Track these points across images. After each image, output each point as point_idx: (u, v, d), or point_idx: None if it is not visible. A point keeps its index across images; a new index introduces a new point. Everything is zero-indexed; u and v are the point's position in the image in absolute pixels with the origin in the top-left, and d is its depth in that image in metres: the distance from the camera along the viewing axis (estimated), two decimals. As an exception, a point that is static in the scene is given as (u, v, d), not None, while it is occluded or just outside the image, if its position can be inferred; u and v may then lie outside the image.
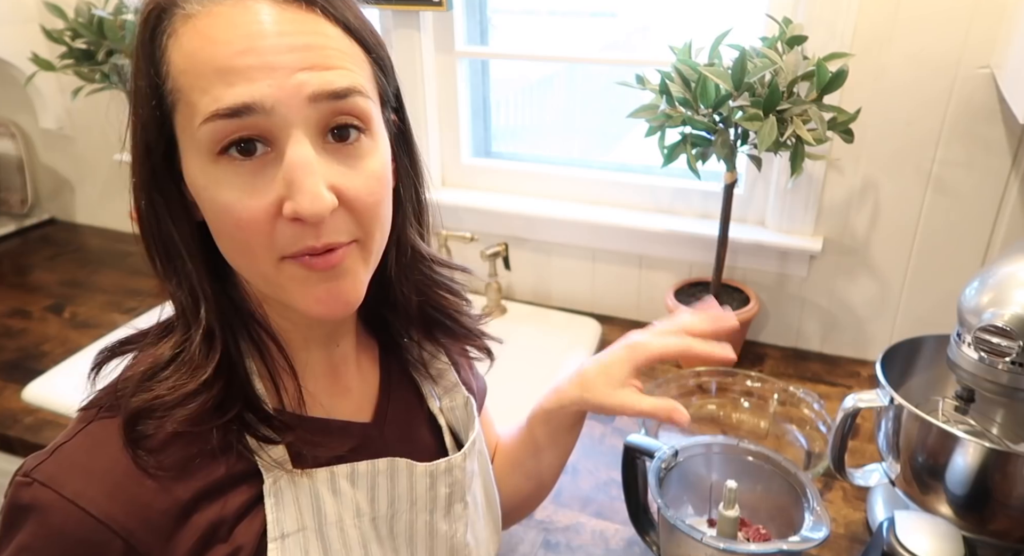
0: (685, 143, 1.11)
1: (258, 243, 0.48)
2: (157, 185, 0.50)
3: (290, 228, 0.47)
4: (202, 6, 0.46)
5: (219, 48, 0.45)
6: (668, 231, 1.35)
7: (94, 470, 0.48)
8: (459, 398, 0.69)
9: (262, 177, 0.47)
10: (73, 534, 0.47)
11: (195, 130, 0.46)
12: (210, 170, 0.47)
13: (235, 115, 0.45)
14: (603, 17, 1.50)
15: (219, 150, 0.46)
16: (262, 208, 0.47)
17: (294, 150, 0.46)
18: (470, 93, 1.50)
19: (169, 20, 0.47)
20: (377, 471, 0.58)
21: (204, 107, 0.45)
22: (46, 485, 0.47)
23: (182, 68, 0.46)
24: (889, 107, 1.15)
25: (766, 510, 0.87)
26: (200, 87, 0.45)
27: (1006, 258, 0.80)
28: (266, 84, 0.45)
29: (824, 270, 1.31)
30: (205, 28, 0.45)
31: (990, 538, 0.82)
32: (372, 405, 0.63)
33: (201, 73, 0.45)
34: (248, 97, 0.45)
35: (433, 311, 0.65)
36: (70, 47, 1.48)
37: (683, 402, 1.17)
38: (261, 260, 0.49)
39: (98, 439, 0.49)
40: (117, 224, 1.92)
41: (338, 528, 0.55)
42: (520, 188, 1.50)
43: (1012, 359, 0.75)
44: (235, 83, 0.45)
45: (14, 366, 1.34)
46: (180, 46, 0.46)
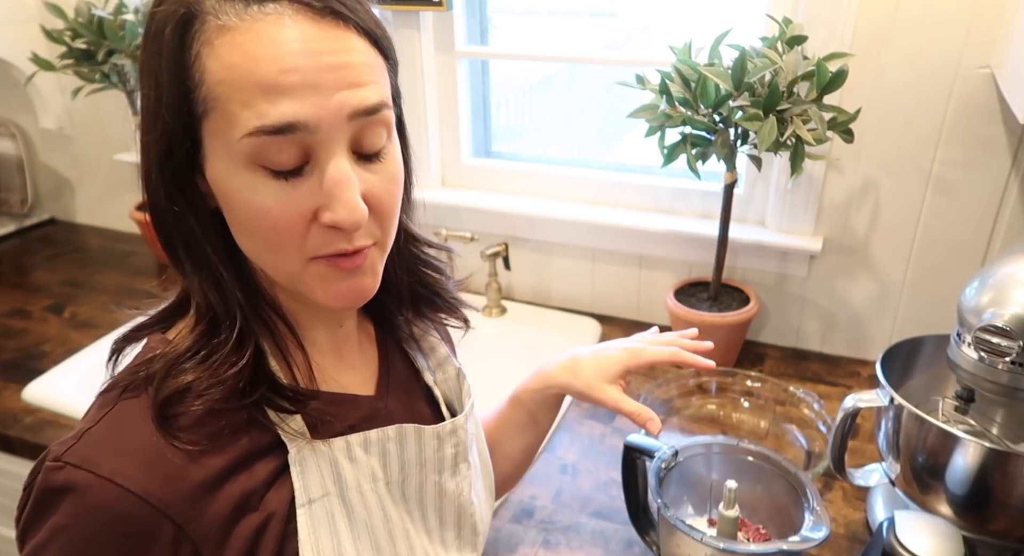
0: (685, 143, 1.11)
1: (291, 244, 0.51)
2: (177, 183, 0.51)
3: (324, 233, 0.51)
4: (240, 19, 0.47)
5: (263, 65, 0.46)
6: (668, 231, 1.35)
7: (126, 449, 0.50)
8: (451, 370, 0.73)
9: (299, 186, 0.49)
10: (112, 510, 0.48)
11: (234, 140, 0.48)
12: (245, 175, 0.49)
13: (279, 132, 0.47)
14: (603, 17, 1.50)
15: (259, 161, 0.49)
16: (300, 215, 0.50)
17: (335, 166, 0.49)
18: (470, 93, 1.50)
19: (201, 28, 0.47)
20: (387, 438, 0.62)
21: (246, 121, 0.47)
22: (80, 467, 0.48)
23: (220, 78, 0.47)
24: (889, 107, 1.15)
25: (766, 510, 0.87)
26: (241, 100, 0.47)
27: (1006, 258, 0.80)
28: (310, 103, 0.47)
29: (824, 270, 1.31)
30: (246, 43, 0.46)
31: (990, 538, 0.82)
32: (374, 380, 0.67)
33: (243, 87, 0.47)
34: (293, 117, 0.47)
35: (421, 288, 0.69)
36: (70, 47, 1.48)
37: (683, 402, 1.17)
38: (290, 260, 0.52)
39: (125, 420, 0.51)
40: (117, 224, 1.92)
41: (358, 492, 0.59)
42: (520, 188, 1.50)
43: (1012, 359, 0.75)
44: (279, 101, 0.47)
45: (14, 366, 1.34)
46: (218, 57, 0.47)
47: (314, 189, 0.49)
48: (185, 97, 0.48)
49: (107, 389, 0.54)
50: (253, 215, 0.50)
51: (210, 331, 0.53)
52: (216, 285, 0.53)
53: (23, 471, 1.22)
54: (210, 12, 0.47)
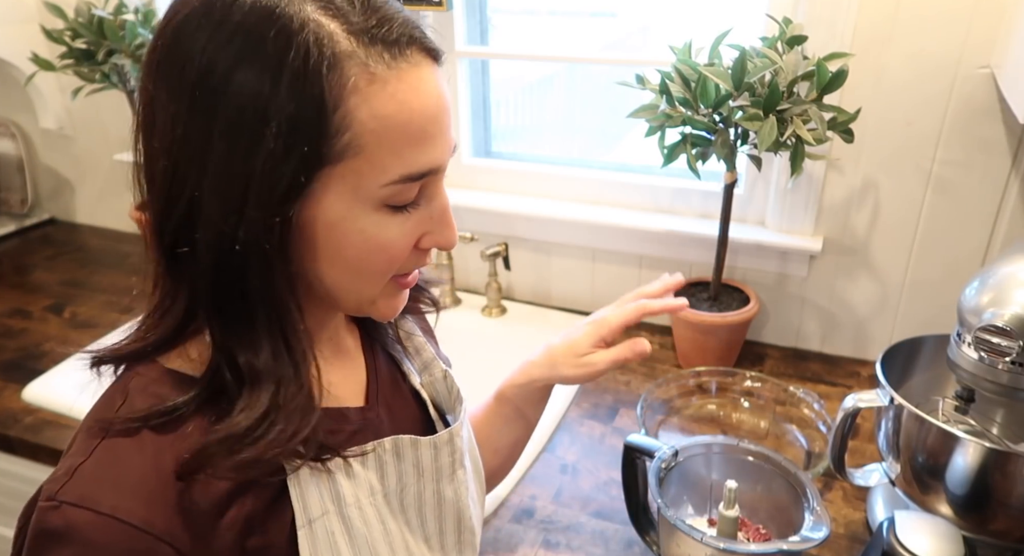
0: (685, 143, 1.11)
1: (391, 271, 0.55)
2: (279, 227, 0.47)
3: (418, 255, 0.56)
4: (389, 69, 0.47)
5: (415, 117, 0.48)
6: (668, 231, 1.35)
7: (124, 482, 0.48)
8: (437, 372, 0.72)
9: (412, 219, 0.53)
10: (117, 547, 0.46)
11: (375, 186, 0.49)
12: (370, 216, 0.50)
13: (421, 178, 0.51)
14: (603, 17, 1.50)
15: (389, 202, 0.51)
16: (411, 244, 0.54)
17: (442, 195, 0.55)
18: (470, 93, 1.50)
19: (343, 74, 0.45)
20: (384, 451, 0.61)
21: (395, 169, 0.49)
22: (78, 505, 0.46)
23: (371, 128, 0.47)
24: (889, 107, 1.15)
25: (766, 510, 0.87)
26: (390, 149, 0.48)
27: (1006, 258, 0.80)
28: (441, 150, 0.51)
29: (824, 270, 1.31)
30: (397, 93, 0.48)
31: (990, 538, 0.82)
32: (362, 388, 0.66)
33: (395, 137, 0.48)
34: (435, 164, 0.51)
35: None
36: (70, 47, 1.48)
37: (683, 402, 1.17)
38: (379, 282, 0.55)
39: (120, 454, 0.49)
40: (117, 224, 1.92)
41: (357, 508, 0.58)
42: (520, 188, 1.50)
43: (1012, 359, 0.75)
44: (426, 149, 0.50)
45: (14, 366, 1.34)
46: (370, 106, 0.47)
47: (423, 218, 0.54)
48: (321, 142, 0.46)
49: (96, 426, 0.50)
50: (370, 251, 0.52)
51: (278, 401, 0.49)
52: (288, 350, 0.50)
53: (23, 471, 1.23)
54: (353, 59, 0.46)
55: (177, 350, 0.54)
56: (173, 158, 0.47)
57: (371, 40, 0.47)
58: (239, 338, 0.49)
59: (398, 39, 0.48)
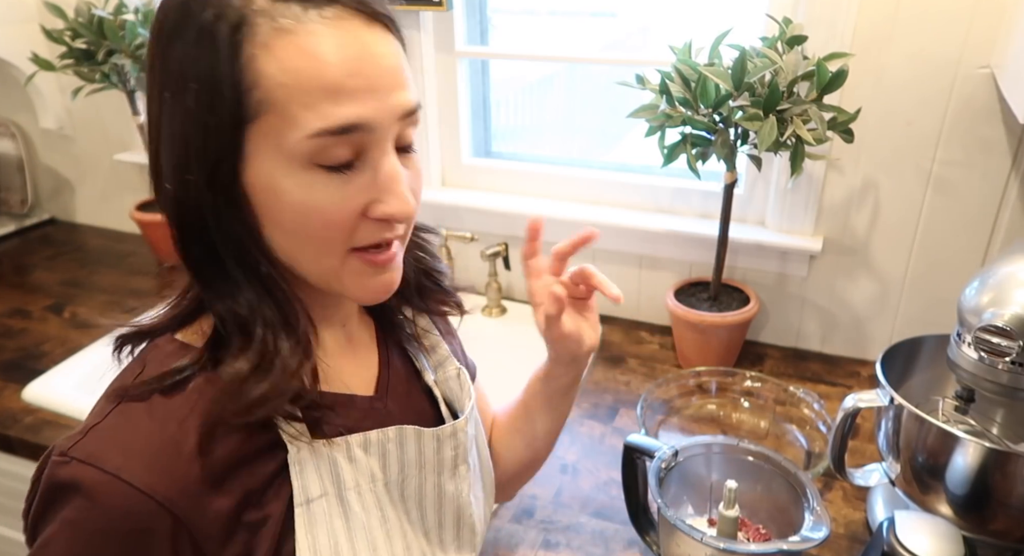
0: (685, 143, 1.11)
1: (339, 240, 0.52)
2: (221, 187, 0.50)
3: (373, 226, 0.53)
4: (299, 23, 0.47)
5: (328, 68, 0.47)
6: (668, 231, 1.35)
7: (131, 446, 0.50)
8: (451, 370, 0.73)
9: (352, 183, 0.51)
10: (118, 507, 0.48)
11: (292, 142, 0.48)
12: (299, 175, 0.50)
13: (342, 132, 0.49)
14: (603, 17, 1.50)
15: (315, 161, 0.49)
16: (353, 210, 0.52)
17: (388, 162, 0.52)
18: (470, 93, 1.50)
19: (253, 31, 0.47)
20: (387, 439, 0.62)
21: (308, 123, 0.48)
22: (86, 462, 0.49)
23: (280, 81, 0.47)
24: (889, 107, 1.15)
25: (766, 510, 0.87)
26: (303, 102, 0.48)
27: (1006, 258, 0.80)
28: (371, 106, 0.49)
29: (824, 270, 1.31)
30: (308, 46, 0.47)
31: (990, 538, 0.82)
32: (374, 380, 0.67)
33: (306, 89, 0.47)
34: (356, 118, 0.49)
35: (413, 273, 0.69)
36: (70, 47, 1.48)
37: (683, 402, 1.18)
38: (333, 255, 0.53)
39: (131, 418, 0.51)
40: (117, 224, 1.92)
41: (356, 493, 0.59)
42: (520, 188, 1.50)
43: (1012, 359, 0.75)
44: (344, 103, 0.48)
45: (14, 366, 1.34)
46: (278, 60, 0.47)
47: (366, 185, 0.51)
48: (236, 99, 0.47)
49: (114, 393, 0.54)
50: (305, 213, 0.50)
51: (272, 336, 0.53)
52: (267, 289, 0.53)
53: (23, 471, 1.23)
54: (263, 14, 0.47)
55: (194, 326, 0.57)
56: (149, 127, 0.53)
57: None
58: (218, 291, 0.53)
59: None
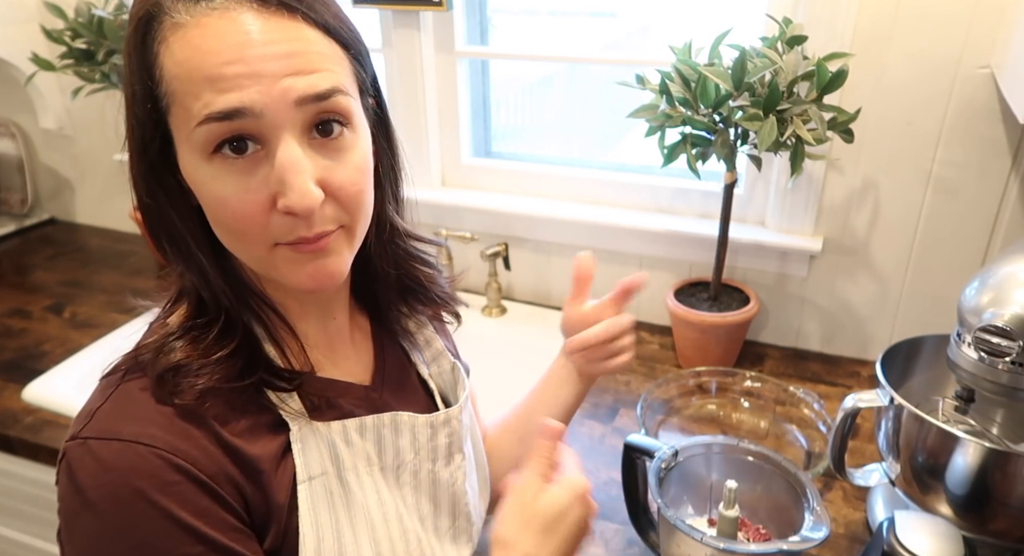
0: (685, 143, 1.11)
1: (254, 232, 0.52)
2: (156, 177, 0.54)
3: (284, 220, 0.52)
4: (191, 16, 0.49)
5: (208, 57, 0.48)
6: (668, 231, 1.35)
7: (143, 416, 0.52)
8: (446, 363, 0.75)
9: (255, 174, 0.51)
10: (144, 469, 0.49)
11: (190, 131, 0.50)
12: (205, 167, 0.51)
13: (226, 118, 0.49)
14: (603, 17, 1.50)
15: (213, 149, 0.50)
16: (257, 203, 0.51)
17: (283, 151, 0.50)
18: (470, 93, 1.50)
19: (159, 27, 0.49)
20: (383, 424, 0.63)
21: (197, 111, 0.49)
22: (101, 438, 0.50)
23: (174, 74, 0.49)
24: (889, 107, 1.15)
25: (766, 510, 0.87)
26: (192, 93, 0.49)
27: (1006, 258, 0.80)
28: (255, 90, 0.49)
29: (824, 270, 1.31)
30: (194, 38, 0.49)
31: (990, 538, 0.82)
32: (369, 372, 0.68)
33: (193, 80, 0.49)
34: (238, 102, 0.48)
35: (409, 281, 0.70)
36: (70, 47, 1.48)
37: (683, 402, 1.17)
38: (256, 246, 0.53)
39: (132, 395, 0.53)
40: (117, 224, 1.92)
41: (354, 473, 0.61)
42: (520, 188, 1.50)
43: (1012, 359, 0.75)
44: (225, 90, 0.48)
45: (14, 366, 1.34)
46: (172, 54, 0.49)
47: (268, 175, 0.51)
48: (150, 94, 0.51)
49: (109, 373, 0.56)
50: (216, 205, 0.52)
51: (197, 314, 0.56)
52: (200, 274, 0.56)
53: (23, 471, 1.23)
54: (166, 11, 0.49)
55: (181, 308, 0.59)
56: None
57: None
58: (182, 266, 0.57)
59: None
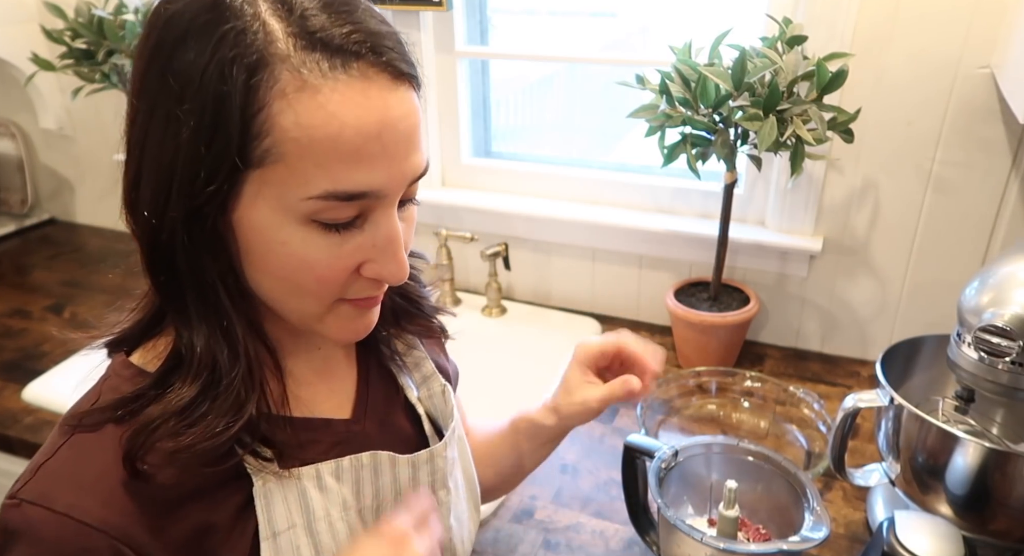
0: (685, 143, 1.11)
1: (327, 293, 0.51)
2: (200, 220, 0.47)
3: (363, 283, 0.52)
4: (324, 78, 0.44)
5: (346, 130, 0.45)
6: (668, 231, 1.35)
7: (84, 481, 0.48)
8: (436, 386, 0.71)
9: (350, 241, 0.49)
10: (71, 545, 0.47)
11: (296, 197, 0.46)
12: (296, 228, 0.48)
13: (351, 199, 0.47)
14: (603, 17, 1.50)
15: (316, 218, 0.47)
16: (347, 269, 0.50)
17: (389, 224, 0.50)
18: (470, 93, 1.50)
19: (272, 76, 0.44)
20: (361, 465, 0.60)
21: (318, 183, 0.46)
22: (35, 503, 0.47)
23: (294, 136, 0.44)
24: (889, 107, 1.15)
25: (766, 510, 0.87)
26: (315, 162, 0.45)
27: (1006, 258, 0.80)
28: (384, 173, 0.47)
29: (824, 270, 1.31)
30: (329, 104, 0.44)
31: (990, 538, 0.82)
32: (351, 401, 0.65)
33: (320, 150, 0.45)
34: (368, 186, 0.47)
35: (400, 300, 0.68)
36: (70, 47, 1.48)
37: (683, 402, 1.17)
38: (319, 304, 0.52)
39: (83, 451, 0.50)
40: (117, 224, 1.90)
41: (326, 522, 0.57)
42: (520, 188, 1.50)
43: (1012, 359, 0.75)
44: (358, 169, 0.46)
45: (14, 366, 1.34)
46: (295, 113, 0.44)
47: (363, 244, 0.50)
48: (242, 142, 0.44)
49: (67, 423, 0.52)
50: (297, 267, 0.49)
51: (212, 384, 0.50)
52: (225, 336, 0.50)
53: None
54: (286, 62, 0.44)
55: (151, 344, 0.55)
56: (127, 140, 0.50)
57: (311, 45, 0.44)
58: (180, 319, 0.51)
59: (343, 48, 0.45)
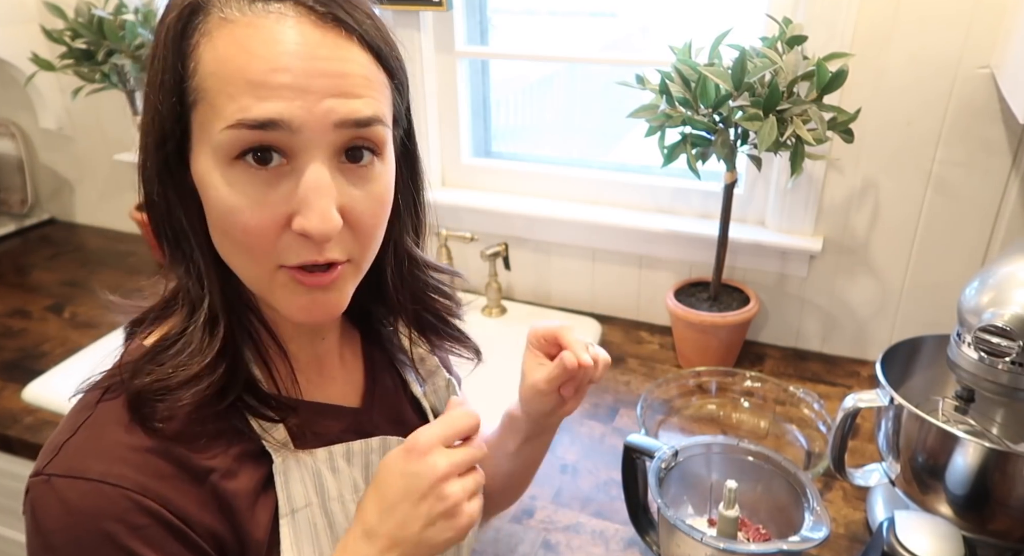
0: (685, 143, 1.11)
1: (260, 250, 0.49)
2: (169, 173, 0.51)
3: (295, 241, 0.49)
4: (243, 14, 0.47)
5: (254, 61, 0.46)
6: (668, 231, 1.35)
7: (112, 452, 0.49)
8: (441, 381, 0.72)
9: (275, 189, 0.48)
10: (111, 511, 0.48)
11: (215, 132, 0.47)
12: (223, 171, 0.48)
13: (260, 127, 0.46)
14: (603, 17, 1.50)
15: (236, 155, 0.48)
16: (272, 219, 0.48)
17: (313, 171, 0.48)
18: (470, 93, 1.50)
19: (204, 19, 0.47)
20: (371, 449, 0.61)
21: (229, 113, 0.46)
22: (67, 475, 0.48)
23: (211, 70, 0.47)
24: (889, 107, 1.15)
25: (766, 510, 0.87)
26: (228, 93, 0.46)
27: (1006, 258, 0.80)
28: (296, 105, 0.46)
29: (824, 270, 1.31)
30: (243, 38, 0.46)
31: (990, 538, 0.82)
32: (359, 393, 0.66)
33: (231, 80, 0.46)
34: (276, 114, 0.46)
35: (427, 314, 0.67)
36: (70, 47, 1.48)
37: (683, 402, 1.18)
38: (258, 265, 0.51)
39: (104, 426, 0.51)
40: (117, 224, 1.92)
41: (340, 503, 0.59)
42: (520, 188, 1.50)
43: (1012, 359, 0.75)
44: (266, 98, 0.46)
45: (14, 366, 1.34)
46: (214, 49, 0.47)
47: (290, 193, 0.48)
48: (179, 85, 0.48)
49: (85, 391, 0.54)
50: (227, 212, 0.49)
51: (184, 322, 0.53)
52: (198, 278, 0.53)
53: (23, 471, 1.23)
54: (215, 4, 0.47)
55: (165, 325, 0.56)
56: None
57: None
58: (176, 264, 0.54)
59: None
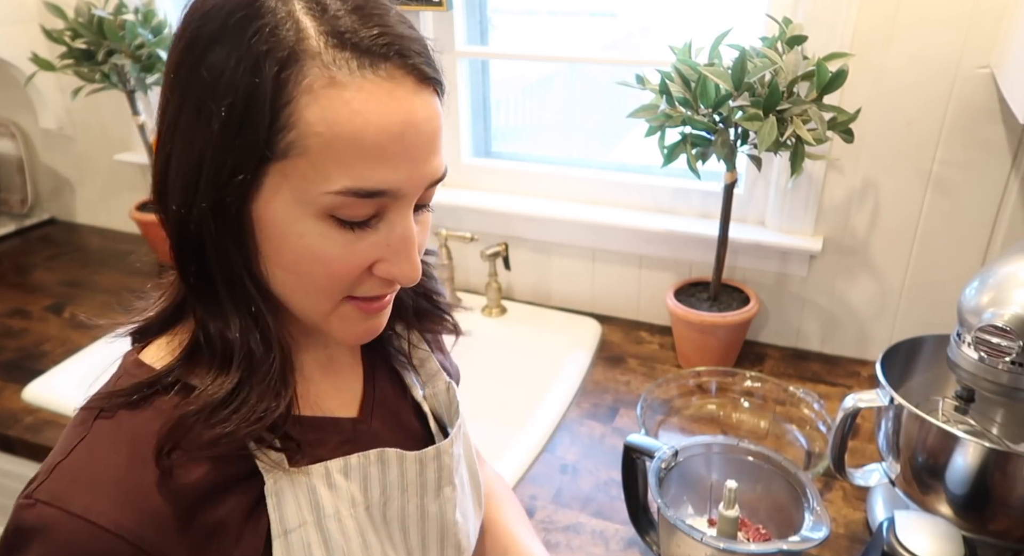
0: (685, 143, 1.11)
1: (338, 290, 0.52)
2: (223, 209, 0.48)
3: (374, 282, 0.52)
4: (351, 76, 0.46)
5: (370, 130, 0.46)
6: (668, 231, 1.35)
7: (100, 482, 0.48)
8: (441, 384, 0.71)
9: (365, 239, 0.50)
10: (84, 548, 0.47)
11: (315, 192, 0.47)
12: (313, 223, 0.49)
13: (369, 196, 0.48)
14: (603, 17, 1.50)
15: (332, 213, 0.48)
16: (359, 266, 0.51)
17: (404, 225, 0.51)
18: (470, 93, 1.50)
19: (302, 72, 0.45)
20: (369, 462, 0.60)
21: (339, 179, 0.47)
22: (50, 504, 0.47)
23: (318, 131, 0.45)
24: (889, 107, 1.15)
25: (766, 510, 0.87)
26: (337, 158, 0.46)
27: (1006, 258, 0.80)
28: (403, 173, 0.48)
29: (824, 270, 1.31)
30: (355, 102, 0.46)
31: (990, 538, 0.82)
32: (358, 400, 0.65)
33: (343, 146, 0.46)
34: (387, 184, 0.48)
35: (423, 301, 0.69)
36: (70, 47, 1.48)
37: (683, 402, 1.18)
38: (328, 301, 0.52)
39: (99, 450, 0.50)
40: (117, 224, 1.92)
41: (336, 520, 0.58)
42: (520, 188, 1.50)
43: (1012, 359, 0.75)
44: (379, 167, 0.47)
45: (14, 366, 1.34)
46: (320, 108, 0.45)
47: (378, 243, 0.50)
48: (268, 136, 0.46)
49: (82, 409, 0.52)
50: (311, 261, 0.49)
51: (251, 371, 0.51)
52: (256, 323, 0.51)
53: (23, 471, 1.23)
54: (316, 59, 0.45)
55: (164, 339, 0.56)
56: (159, 131, 0.50)
57: (341, 45, 0.46)
58: (208, 309, 0.51)
59: (372, 49, 0.46)
